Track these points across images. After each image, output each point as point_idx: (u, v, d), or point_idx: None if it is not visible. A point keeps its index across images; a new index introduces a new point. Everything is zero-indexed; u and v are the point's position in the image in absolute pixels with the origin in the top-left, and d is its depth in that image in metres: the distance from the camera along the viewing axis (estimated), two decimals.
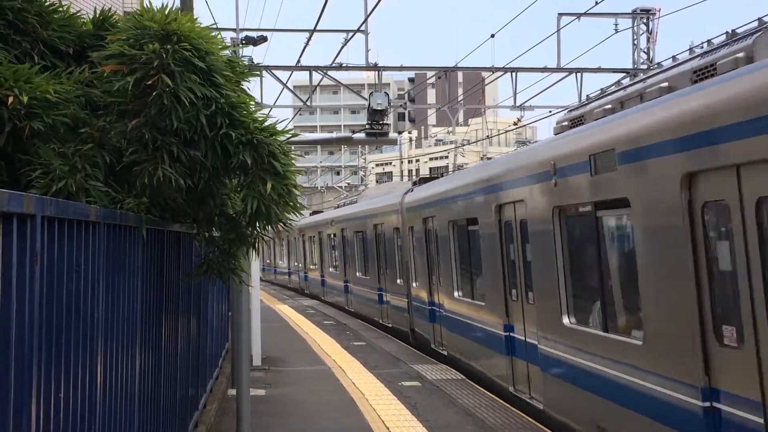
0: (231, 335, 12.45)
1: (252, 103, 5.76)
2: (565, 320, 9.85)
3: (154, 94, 5.03)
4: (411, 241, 19.08)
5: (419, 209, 18.06)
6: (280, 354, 17.44)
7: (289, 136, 5.85)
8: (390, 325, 22.15)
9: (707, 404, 6.78)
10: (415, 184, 20.21)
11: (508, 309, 12.30)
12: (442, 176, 20.30)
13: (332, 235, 31.08)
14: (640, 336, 8.01)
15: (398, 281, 20.92)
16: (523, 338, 11.63)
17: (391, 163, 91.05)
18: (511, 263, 12.10)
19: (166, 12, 5.24)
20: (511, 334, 12.13)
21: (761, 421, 6.06)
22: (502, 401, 12.27)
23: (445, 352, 16.27)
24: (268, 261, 54.22)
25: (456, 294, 15.16)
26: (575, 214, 9.78)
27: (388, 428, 10.61)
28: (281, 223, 5.95)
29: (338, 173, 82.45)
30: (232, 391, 11.66)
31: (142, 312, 5.51)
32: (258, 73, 6.57)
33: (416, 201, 18.38)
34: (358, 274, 26.55)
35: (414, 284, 19.05)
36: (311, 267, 37.55)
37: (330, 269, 32.32)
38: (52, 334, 3.52)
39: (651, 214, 7.62)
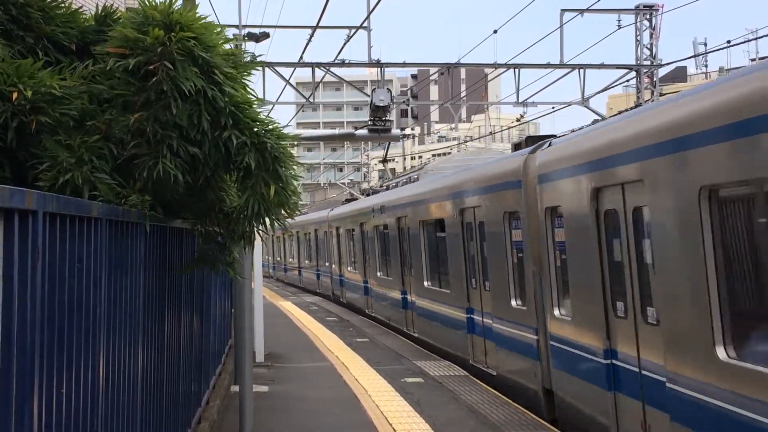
0: (234, 332, 12.46)
1: (256, 102, 5.76)
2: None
3: (154, 80, 5.03)
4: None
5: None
6: (282, 350, 17.44)
7: (294, 144, 5.87)
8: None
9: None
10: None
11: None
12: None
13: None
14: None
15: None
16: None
17: (394, 160, 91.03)
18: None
19: (167, 3, 5.25)
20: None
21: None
22: (504, 398, 12.27)
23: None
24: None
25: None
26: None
27: (390, 424, 10.61)
28: (277, 221, 5.98)
29: (341, 170, 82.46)
30: (235, 388, 11.67)
31: (144, 308, 5.51)
32: (260, 63, 6.54)
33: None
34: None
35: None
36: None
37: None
38: (54, 330, 3.51)
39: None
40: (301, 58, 22.21)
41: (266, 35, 22.76)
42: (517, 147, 13.51)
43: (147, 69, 5.05)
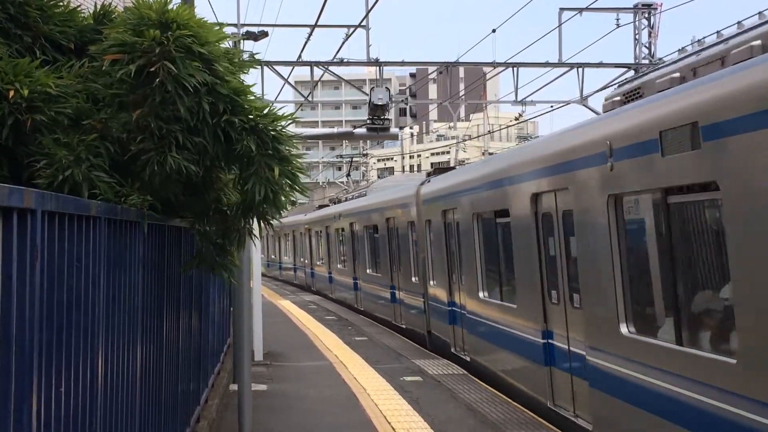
0: (232, 330, 12.46)
1: (252, 91, 5.76)
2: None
3: (156, 81, 5.02)
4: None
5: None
6: (281, 349, 17.44)
7: (290, 122, 5.83)
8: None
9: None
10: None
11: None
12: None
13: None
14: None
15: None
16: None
17: (392, 159, 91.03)
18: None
19: (163, 1, 5.25)
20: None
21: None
22: (503, 396, 12.28)
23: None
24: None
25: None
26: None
27: (389, 423, 10.61)
28: (267, 222, 5.97)
29: (339, 168, 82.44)
30: (234, 386, 11.66)
31: (143, 307, 5.51)
32: (258, 62, 6.54)
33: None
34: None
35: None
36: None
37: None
38: (53, 329, 3.51)
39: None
40: (299, 56, 22.20)
41: (265, 34, 22.75)
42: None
43: (148, 71, 5.04)
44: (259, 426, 10.16)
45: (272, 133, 5.55)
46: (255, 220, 6.09)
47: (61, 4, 5.86)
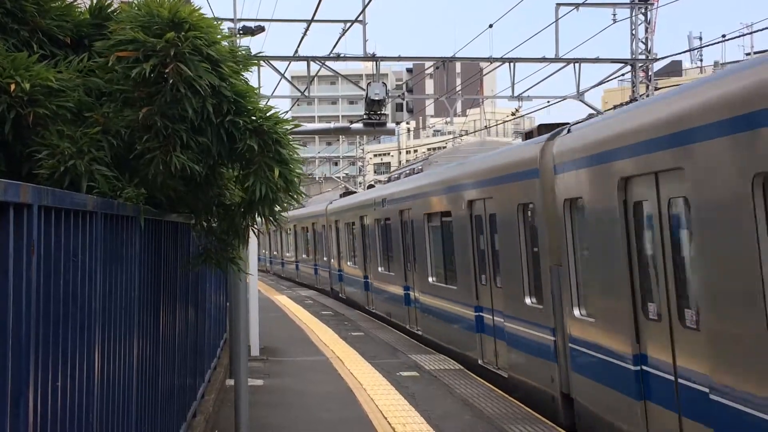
0: (229, 325, 12.46)
1: (256, 93, 5.78)
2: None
3: (170, 82, 5.02)
4: None
5: None
6: (278, 344, 17.45)
7: (292, 126, 5.85)
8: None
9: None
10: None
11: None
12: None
13: None
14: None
15: None
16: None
17: (389, 154, 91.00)
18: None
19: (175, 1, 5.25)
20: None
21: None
22: (499, 391, 12.30)
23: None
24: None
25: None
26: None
27: (386, 418, 10.63)
28: (272, 218, 5.97)
29: (336, 164, 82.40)
30: (230, 382, 11.67)
31: (139, 302, 5.51)
32: (258, 58, 6.56)
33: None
34: None
35: None
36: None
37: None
38: (49, 324, 3.52)
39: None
40: (296, 51, 22.17)
41: (261, 29, 22.71)
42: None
43: (160, 71, 5.04)
44: (255, 421, 10.17)
45: (275, 136, 5.56)
46: (259, 216, 6.09)
47: None
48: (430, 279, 17.54)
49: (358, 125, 21.97)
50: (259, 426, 10.18)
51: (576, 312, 10.13)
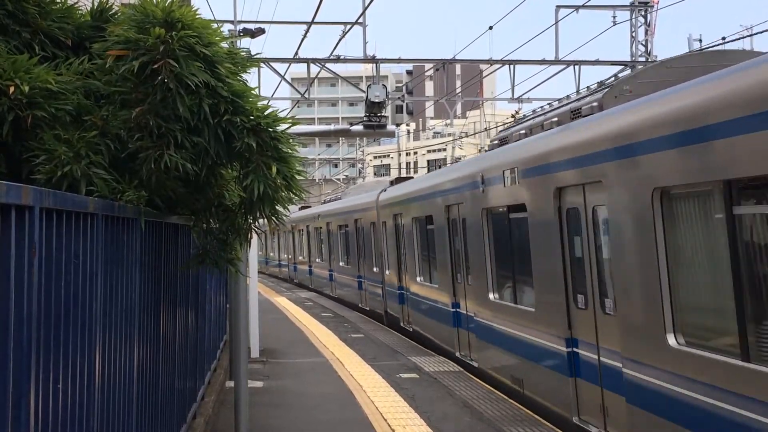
0: (229, 327, 12.46)
1: (254, 92, 5.77)
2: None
3: (159, 78, 5.03)
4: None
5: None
6: (278, 346, 17.45)
7: (290, 125, 5.85)
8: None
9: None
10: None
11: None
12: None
13: None
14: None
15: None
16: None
17: (389, 156, 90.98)
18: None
19: (168, 1, 5.26)
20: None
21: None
22: (499, 393, 12.30)
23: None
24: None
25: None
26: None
27: (386, 420, 10.63)
28: (274, 217, 5.96)
29: (336, 165, 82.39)
30: (230, 383, 11.67)
31: (140, 304, 5.51)
32: (257, 60, 6.56)
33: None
34: None
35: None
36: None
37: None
38: (51, 326, 3.52)
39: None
40: (296, 53, 22.19)
41: (261, 31, 22.71)
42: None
43: (152, 68, 5.05)
44: (255, 423, 10.17)
45: (273, 133, 5.57)
46: (262, 217, 6.09)
47: (58, 0, 5.86)
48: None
49: (358, 127, 21.98)
50: (258, 428, 10.18)
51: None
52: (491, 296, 13.03)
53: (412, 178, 25.55)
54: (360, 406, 11.57)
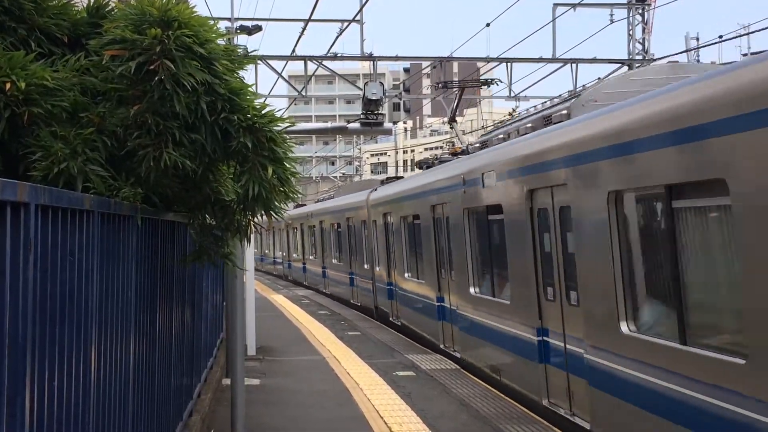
0: (225, 325, 12.46)
1: (251, 90, 5.76)
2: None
3: (156, 79, 5.03)
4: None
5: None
6: (274, 344, 17.45)
7: (287, 125, 5.84)
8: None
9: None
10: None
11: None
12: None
13: None
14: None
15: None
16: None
17: (386, 153, 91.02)
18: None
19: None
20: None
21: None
22: (496, 391, 12.31)
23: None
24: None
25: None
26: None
27: (382, 418, 10.63)
28: (273, 213, 5.96)
29: (333, 163, 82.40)
30: (227, 381, 11.67)
31: (136, 301, 5.50)
32: (254, 57, 6.56)
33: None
34: None
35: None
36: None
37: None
38: (46, 323, 3.51)
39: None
40: (293, 51, 22.18)
41: (258, 28, 22.70)
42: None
43: (148, 69, 5.04)
44: (251, 420, 10.17)
45: (269, 134, 5.56)
46: (259, 214, 6.09)
47: None
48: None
49: (355, 125, 21.97)
50: (255, 425, 10.18)
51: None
52: (472, 290, 14.02)
53: (402, 178, 25.82)
54: (356, 403, 11.57)
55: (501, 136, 13.88)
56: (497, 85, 20.75)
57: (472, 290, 13.98)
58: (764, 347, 6.07)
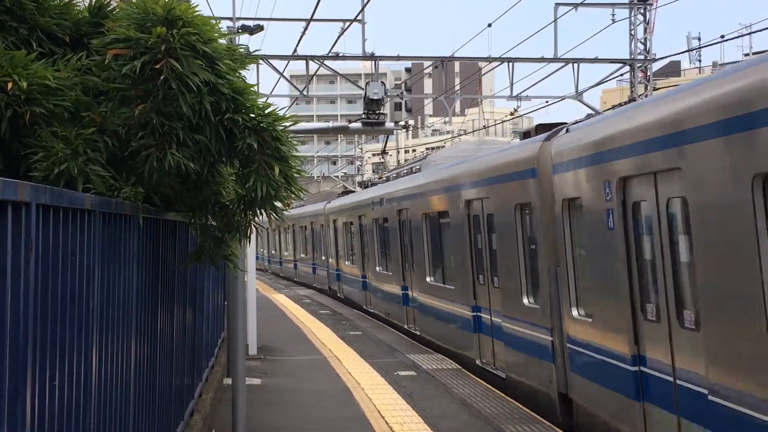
0: (227, 324, 12.45)
1: (254, 90, 5.76)
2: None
3: (161, 78, 5.02)
4: None
5: None
6: (275, 343, 17.45)
7: (291, 123, 5.84)
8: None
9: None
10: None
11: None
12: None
13: None
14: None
15: None
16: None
17: (387, 153, 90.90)
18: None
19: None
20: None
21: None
22: (497, 391, 12.31)
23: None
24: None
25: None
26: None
27: (383, 417, 10.63)
28: (274, 213, 5.96)
29: (335, 163, 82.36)
30: (228, 380, 11.67)
31: (137, 301, 5.50)
32: (256, 57, 6.56)
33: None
34: None
35: None
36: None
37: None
38: (47, 323, 3.51)
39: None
40: (295, 50, 22.16)
41: (260, 28, 22.71)
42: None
43: (153, 68, 5.03)
44: (252, 420, 10.17)
45: (274, 133, 5.56)
46: (261, 214, 6.09)
47: None
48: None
49: (357, 124, 21.96)
50: (256, 425, 10.18)
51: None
52: (375, 269, 22.15)
53: (354, 192, 33.19)
54: (358, 403, 11.56)
55: (393, 175, 23.80)
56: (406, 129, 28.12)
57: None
58: None
